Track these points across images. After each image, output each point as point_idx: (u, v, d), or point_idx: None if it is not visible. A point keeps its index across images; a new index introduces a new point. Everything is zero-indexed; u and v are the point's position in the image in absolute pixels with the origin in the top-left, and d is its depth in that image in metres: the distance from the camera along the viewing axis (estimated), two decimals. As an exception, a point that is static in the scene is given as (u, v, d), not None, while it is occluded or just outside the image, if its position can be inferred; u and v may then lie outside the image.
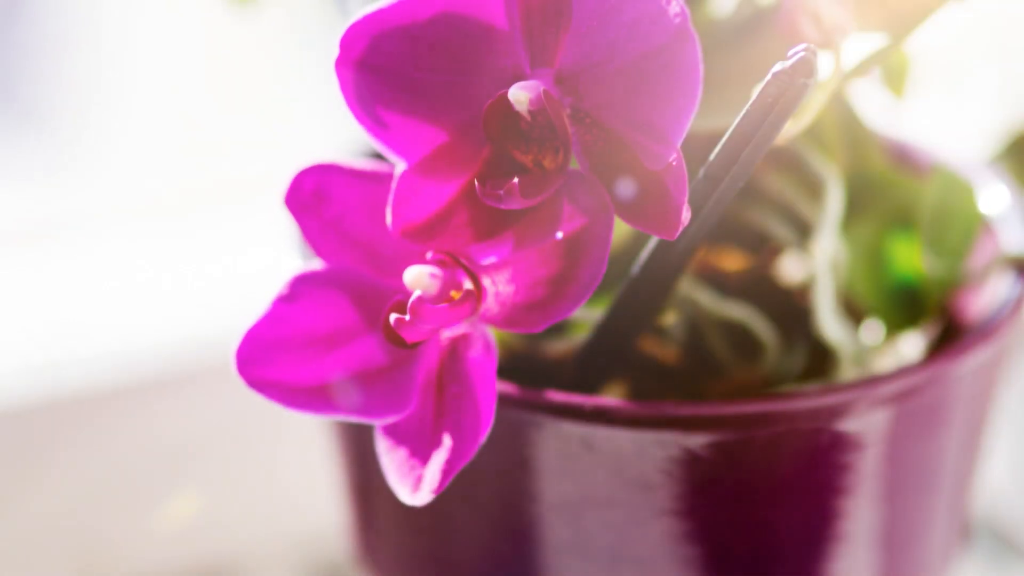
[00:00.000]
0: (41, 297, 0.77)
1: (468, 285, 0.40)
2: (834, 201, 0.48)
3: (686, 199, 0.38)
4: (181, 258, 0.79)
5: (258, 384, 0.41)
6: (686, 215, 0.38)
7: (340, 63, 0.39)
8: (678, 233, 0.39)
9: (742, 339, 0.50)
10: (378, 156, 0.47)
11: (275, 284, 0.42)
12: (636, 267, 0.44)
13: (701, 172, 0.41)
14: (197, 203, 0.82)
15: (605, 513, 0.46)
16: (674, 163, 0.38)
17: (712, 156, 0.40)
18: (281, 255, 0.48)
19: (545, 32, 0.39)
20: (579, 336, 0.48)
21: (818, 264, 0.48)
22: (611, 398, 0.45)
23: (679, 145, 0.38)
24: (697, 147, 0.42)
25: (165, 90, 0.91)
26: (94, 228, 0.81)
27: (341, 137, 0.54)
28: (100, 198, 0.85)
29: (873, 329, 0.50)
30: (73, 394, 0.69)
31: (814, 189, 0.49)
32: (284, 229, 0.48)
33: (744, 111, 0.39)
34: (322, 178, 0.42)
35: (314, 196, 0.42)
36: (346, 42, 0.39)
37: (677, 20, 0.37)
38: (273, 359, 0.42)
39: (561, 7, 0.39)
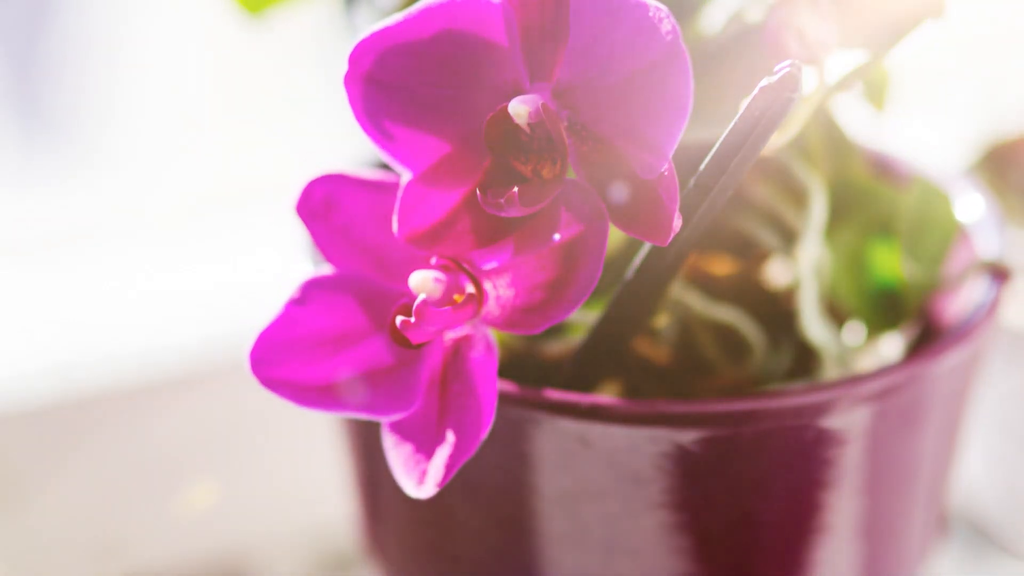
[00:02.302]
0: (61, 300, 0.76)
1: (470, 289, 0.40)
2: (818, 209, 0.48)
3: (677, 207, 0.38)
4: (196, 262, 0.78)
5: (271, 383, 0.41)
6: (677, 222, 0.38)
7: (348, 78, 0.39)
8: (670, 239, 0.38)
9: (731, 340, 0.49)
10: (385, 166, 0.46)
11: (286, 288, 0.42)
12: (630, 272, 0.43)
13: (692, 181, 0.40)
14: (213, 210, 0.82)
15: (600, 506, 0.45)
16: (666, 173, 0.38)
17: (702, 166, 0.40)
18: (292, 260, 0.48)
19: (543, 48, 0.39)
20: (576, 337, 0.48)
21: (803, 269, 0.48)
22: (606, 396, 0.44)
23: (671, 155, 0.38)
24: (688, 157, 0.42)
25: (180, 101, 0.91)
26: (112, 233, 0.80)
27: (349, 147, 0.53)
28: (119, 204, 0.85)
29: (855, 331, 0.50)
30: (91, 394, 0.68)
31: (799, 198, 0.49)
32: (295, 236, 0.48)
33: (733, 123, 0.39)
34: (331, 187, 0.42)
35: (324, 204, 0.42)
36: (354, 58, 0.39)
37: (669, 37, 0.37)
38: (285, 359, 0.41)
39: (559, 25, 0.38)
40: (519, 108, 0.38)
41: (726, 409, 0.43)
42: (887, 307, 0.50)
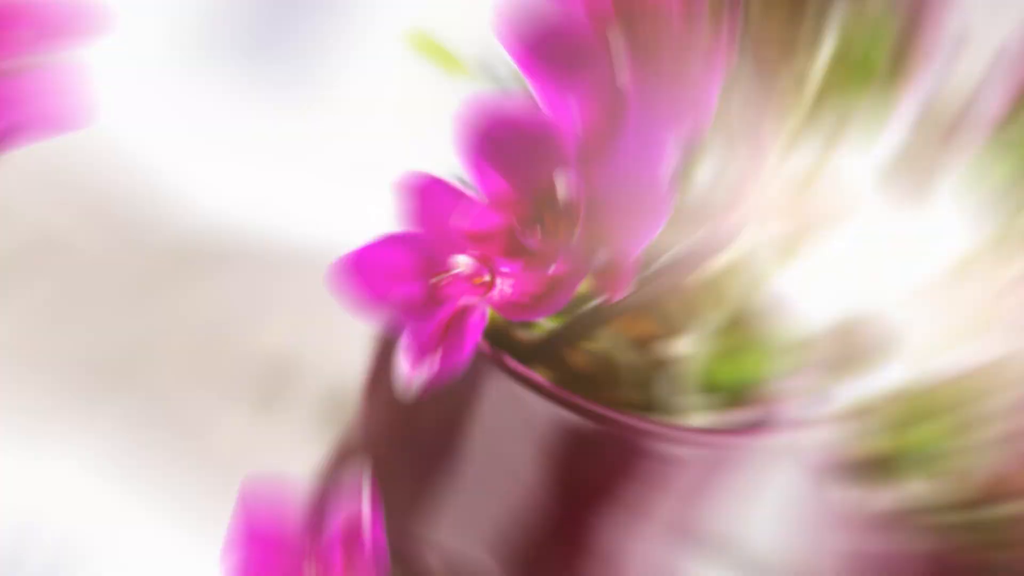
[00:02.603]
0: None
1: (487, 278, 0.46)
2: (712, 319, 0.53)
3: (631, 282, 0.44)
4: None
5: (345, 285, 0.46)
6: (626, 290, 0.44)
7: (466, 129, 0.44)
8: (618, 299, 0.45)
9: (632, 373, 0.54)
10: (464, 182, 0.47)
11: (381, 230, 0.46)
12: (586, 307, 0.50)
13: (646, 271, 0.48)
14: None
15: (501, 444, 0.53)
16: (633, 259, 0.44)
17: (654, 265, 0.48)
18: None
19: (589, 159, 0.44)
20: (538, 332, 0.53)
21: (688, 352, 0.54)
22: (539, 376, 0.51)
23: (640, 251, 0.44)
24: (651, 253, 0.48)
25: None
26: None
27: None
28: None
29: (715, 400, 0.54)
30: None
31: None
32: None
33: (681, 248, 0.47)
34: (432, 183, 0.47)
35: (423, 190, 0.46)
36: (477, 115, 0.44)
37: (663, 215, 0.44)
38: (358, 273, 0.46)
39: (605, 147, 0.44)
40: (562, 185, 0.44)
41: (602, 413, 0.51)
42: (744, 394, 0.55)
